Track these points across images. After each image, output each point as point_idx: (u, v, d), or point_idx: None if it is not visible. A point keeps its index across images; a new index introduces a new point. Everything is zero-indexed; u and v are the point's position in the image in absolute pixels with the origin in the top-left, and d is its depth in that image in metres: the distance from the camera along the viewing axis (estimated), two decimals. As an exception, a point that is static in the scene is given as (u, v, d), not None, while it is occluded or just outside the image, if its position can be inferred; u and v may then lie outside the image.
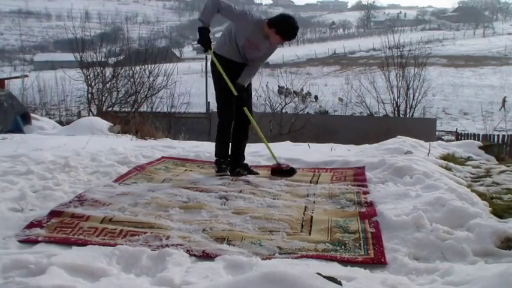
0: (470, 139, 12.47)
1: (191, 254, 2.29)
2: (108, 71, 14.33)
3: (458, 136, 17.00)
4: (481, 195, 3.22)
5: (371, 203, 3.14)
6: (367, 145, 5.54)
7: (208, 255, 2.29)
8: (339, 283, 1.80)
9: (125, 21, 33.50)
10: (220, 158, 4.11)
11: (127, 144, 5.54)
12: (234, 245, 2.42)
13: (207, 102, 21.65)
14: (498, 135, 13.91)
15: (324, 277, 1.75)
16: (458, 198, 2.92)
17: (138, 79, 14.29)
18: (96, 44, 15.12)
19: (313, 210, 3.05)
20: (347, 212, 3.01)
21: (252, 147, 4.88)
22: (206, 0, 3.85)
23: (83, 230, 2.59)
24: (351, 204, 3.18)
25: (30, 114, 8.37)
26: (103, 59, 15.16)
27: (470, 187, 3.52)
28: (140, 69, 14.28)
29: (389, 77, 18.96)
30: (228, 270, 2.10)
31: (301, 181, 3.83)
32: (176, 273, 2.03)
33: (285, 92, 20.94)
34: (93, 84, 13.91)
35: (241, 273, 2.03)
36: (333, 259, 2.28)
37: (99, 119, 7.70)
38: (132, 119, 8.60)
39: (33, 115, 8.66)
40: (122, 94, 14.34)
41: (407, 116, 18.54)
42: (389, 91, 19.20)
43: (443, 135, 19.07)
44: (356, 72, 36.39)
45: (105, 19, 24.38)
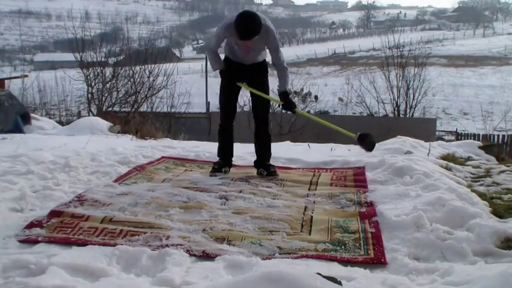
0: (470, 139, 12.46)
1: (191, 254, 2.29)
2: (108, 71, 14.27)
3: (458, 136, 16.98)
4: (481, 195, 3.22)
5: (371, 203, 3.14)
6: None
7: (208, 255, 2.29)
8: (339, 283, 1.80)
9: (125, 21, 33.51)
10: (220, 159, 4.15)
11: (127, 144, 5.54)
12: (234, 245, 2.42)
13: (207, 102, 21.65)
14: (498, 135, 13.87)
15: (324, 277, 1.75)
16: (458, 198, 2.92)
17: (138, 79, 14.25)
18: (96, 44, 15.06)
19: (313, 210, 3.05)
20: (347, 212, 3.01)
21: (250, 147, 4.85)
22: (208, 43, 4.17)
23: (83, 230, 2.59)
24: (351, 204, 3.18)
25: (30, 114, 8.35)
26: (103, 59, 15.11)
27: (470, 187, 3.52)
28: (140, 69, 14.23)
29: (389, 77, 18.90)
30: (228, 270, 2.10)
31: (301, 181, 3.83)
32: (176, 273, 2.03)
33: (285, 92, 20.86)
34: (93, 84, 13.87)
35: (241, 273, 2.03)
36: (333, 259, 2.28)
37: (99, 119, 7.68)
38: (132, 119, 8.59)
39: (33, 115, 8.63)
40: (122, 94, 14.29)
41: (407, 116, 18.48)
42: (389, 91, 19.16)
43: (443, 135, 19.05)
44: (356, 72, 36.32)
45: (105, 19, 24.26)
